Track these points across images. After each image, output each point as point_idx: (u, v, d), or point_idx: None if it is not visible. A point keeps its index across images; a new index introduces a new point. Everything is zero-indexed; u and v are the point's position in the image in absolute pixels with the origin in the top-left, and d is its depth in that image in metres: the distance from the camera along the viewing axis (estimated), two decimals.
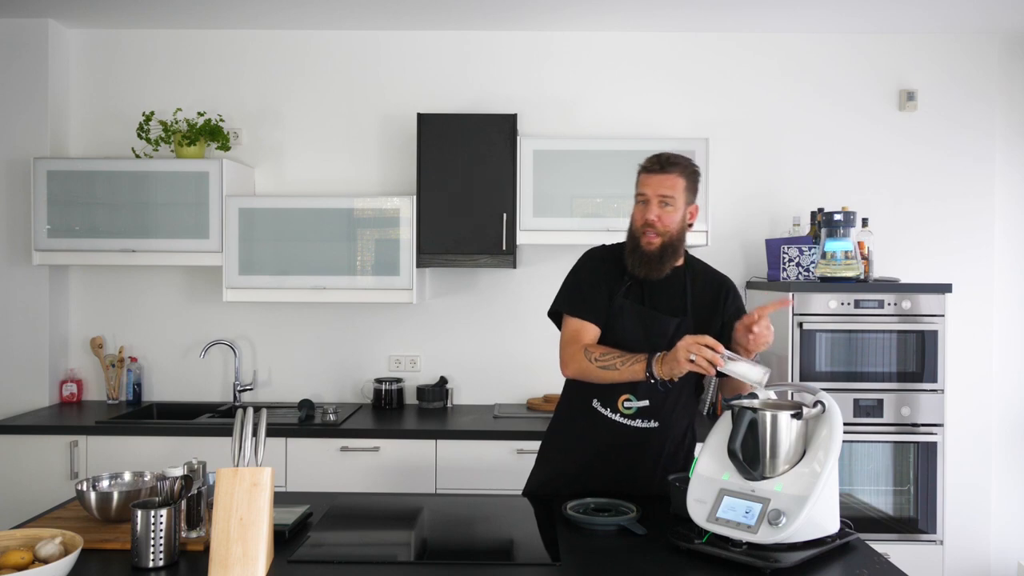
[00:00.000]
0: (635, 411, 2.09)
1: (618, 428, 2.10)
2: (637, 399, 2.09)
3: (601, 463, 2.12)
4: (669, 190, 2.05)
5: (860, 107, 3.73)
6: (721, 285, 2.17)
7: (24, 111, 3.57)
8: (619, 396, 2.09)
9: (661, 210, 2.06)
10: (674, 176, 2.06)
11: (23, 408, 3.53)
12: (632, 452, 2.11)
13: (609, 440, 2.11)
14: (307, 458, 3.13)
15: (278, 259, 3.40)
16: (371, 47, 3.76)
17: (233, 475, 1.55)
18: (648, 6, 3.40)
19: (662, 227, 2.06)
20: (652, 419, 2.10)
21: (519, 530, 1.89)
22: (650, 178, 2.08)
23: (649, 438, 2.11)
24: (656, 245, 2.06)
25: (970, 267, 3.70)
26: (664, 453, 2.14)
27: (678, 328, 2.07)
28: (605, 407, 2.12)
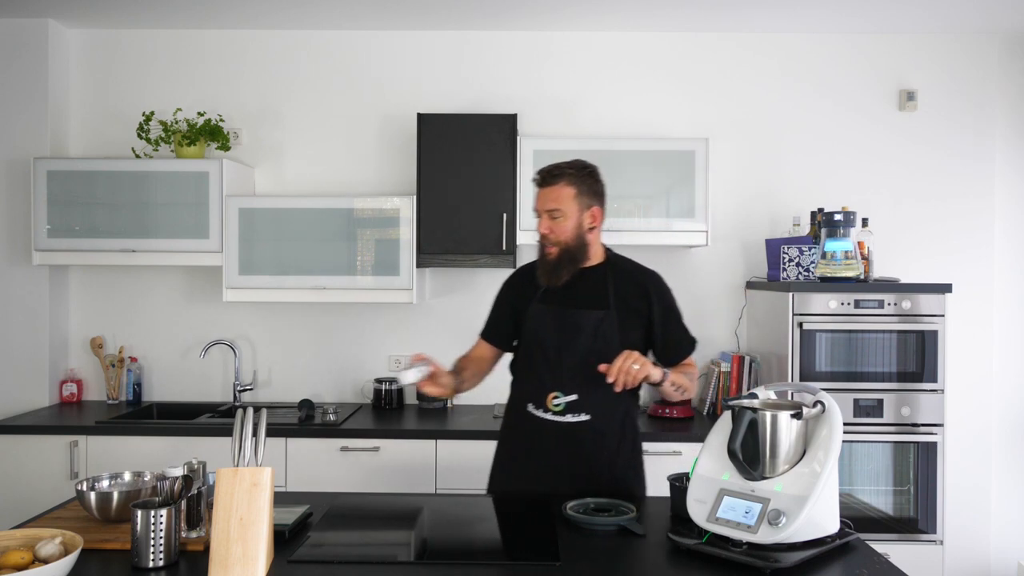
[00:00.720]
0: (564, 407, 2.13)
1: (551, 426, 2.15)
2: (565, 394, 2.13)
3: (544, 464, 2.16)
4: (554, 203, 2.15)
5: (860, 107, 3.73)
6: (646, 281, 2.23)
7: (24, 111, 3.57)
8: (547, 394, 2.15)
9: (552, 222, 2.16)
10: (560, 187, 2.15)
11: (23, 408, 3.53)
12: (569, 449, 2.14)
13: (547, 439, 2.16)
14: (307, 458, 3.13)
15: (278, 259, 3.40)
16: (371, 47, 3.76)
17: (233, 475, 1.55)
18: (648, 6, 3.40)
19: (555, 238, 2.16)
20: (582, 412, 2.13)
21: (519, 530, 1.89)
22: (539, 192, 2.20)
23: (582, 432, 2.14)
24: (554, 254, 2.17)
25: (970, 267, 3.70)
26: (605, 448, 2.16)
27: (601, 321, 2.14)
28: (537, 408, 2.17)
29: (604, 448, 2.16)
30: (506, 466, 2.27)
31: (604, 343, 2.11)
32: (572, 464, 2.14)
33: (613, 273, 2.22)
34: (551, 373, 2.15)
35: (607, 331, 2.12)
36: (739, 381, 3.44)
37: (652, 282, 2.24)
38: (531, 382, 2.20)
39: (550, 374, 2.15)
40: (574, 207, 2.15)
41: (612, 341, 2.12)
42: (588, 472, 2.14)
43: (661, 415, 3.40)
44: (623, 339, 2.13)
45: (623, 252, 3.67)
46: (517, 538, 1.84)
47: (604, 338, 2.12)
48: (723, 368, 3.48)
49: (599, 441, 2.15)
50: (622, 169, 3.38)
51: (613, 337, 2.12)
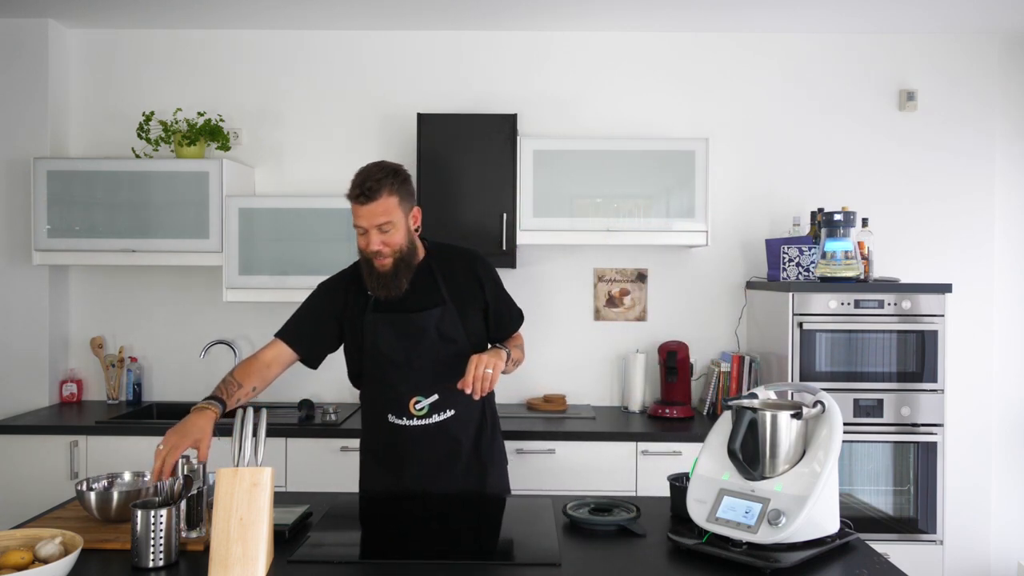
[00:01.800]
0: (427, 409, 2.12)
1: (418, 432, 2.13)
2: (426, 397, 2.12)
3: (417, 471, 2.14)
4: (383, 216, 2.03)
5: (860, 107, 3.73)
6: (472, 264, 2.21)
7: (24, 111, 3.57)
8: (408, 400, 2.12)
9: (384, 236, 2.05)
10: (383, 199, 2.02)
11: (23, 408, 3.53)
12: (440, 448, 2.14)
13: (415, 446, 2.14)
14: (307, 458, 3.13)
15: (278, 259, 3.40)
16: (371, 47, 3.76)
17: (233, 475, 1.55)
18: (648, 6, 3.40)
19: (390, 250, 2.07)
20: (446, 409, 2.13)
21: (519, 530, 1.89)
22: (360, 209, 2.04)
23: (449, 428, 2.14)
24: (389, 265, 2.08)
25: (970, 267, 3.70)
26: (470, 434, 2.18)
27: (441, 317, 2.11)
28: (400, 417, 2.14)
29: (471, 436, 2.19)
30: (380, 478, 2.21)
31: (450, 338, 2.12)
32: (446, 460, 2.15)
33: (439, 265, 2.18)
34: (405, 380, 2.12)
35: (450, 325, 2.12)
36: (739, 381, 3.44)
37: (478, 263, 2.23)
38: (385, 393, 2.15)
39: (405, 382, 2.12)
40: (400, 214, 2.06)
41: (458, 333, 2.13)
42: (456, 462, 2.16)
43: (661, 415, 3.40)
44: (467, 328, 2.15)
45: (623, 252, 3.73)
46: (517, 538, 1.84)
47: (449, 333, 2.12)
48: (723, 368, 3.48)
49: (466, 431, 2.17)
50: (622, 169, 3.38)
51: (457, 329, 2.13)
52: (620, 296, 3.74)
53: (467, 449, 2.18)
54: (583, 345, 3.74)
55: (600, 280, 3.75)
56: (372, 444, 2.25)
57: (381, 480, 2.21)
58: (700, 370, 3.73)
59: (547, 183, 3.38)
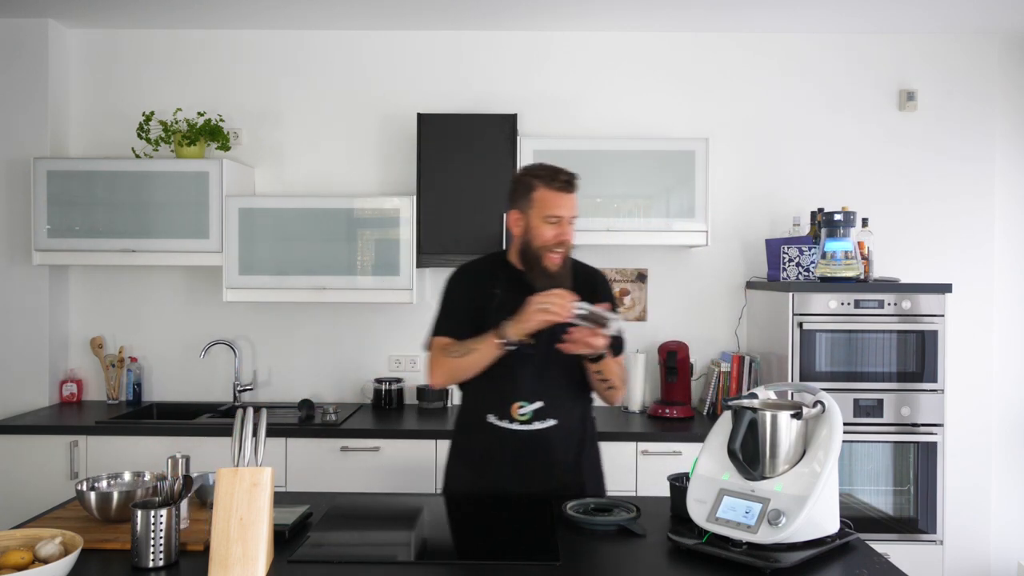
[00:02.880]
0: (531, 415, 2.10)
1: (519, 436, 2.11)
2: (530, 402, 2.10)
3: (511, 474, 2.12)
4: (575, 210, 2.09)
5: (860, 107, 3.73)
6: (593, 279, 2.22)
7: (24, 111, 3.58)
8: (511, 404, 2.11)
9: (568, 228, 2.08)
10: (575, 194, 2.09)
11: (23, 408, 3.53)
12: (539, 456, 2.11)
13: (514, 450, 2.12)
14: (307, 458, 3.13)
15: (278, 259, 3.40)
16: (371, 47, 3.76)
17: (233, 475, 1.55)
18: (648, 6, 3.40)
19: (570, 243, 2.10)
20: (548, 418, 2.11)
21: (519, 530, 1.89)
22: (562, 198, 2.06)
23: (550, 437, 2.12)
24: (559, 262, 2.08)
25: (970, 267, 3.70)
26: (571, 447, 2.16)
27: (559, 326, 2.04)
28: (501, 419, 2.12)
29: (571, 449, 2.16)
30: (465, 477, 2.20)
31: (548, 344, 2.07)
32: (539, 469, 2.12)
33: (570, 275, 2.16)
34: (511, 382, 2.10)
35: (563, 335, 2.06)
36: (739, 381, 3.44)
37: (600, 280, 2.24)
38: (490, 392, 2.14)
39: (510, 383, 2.10)
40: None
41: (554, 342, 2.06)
42: (554, 474, 2.13)
43: (661, 415, 3.40)
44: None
45: (623, 251, 3.72)
46: (517, 538, 1.84)
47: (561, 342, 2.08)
48: (723, 368, 3.48)
49: (566, 443, 2.15)
50: (622, 169, 3.38)
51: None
52: (620, 296, 3.74)
53: (565, 461, 2.14)
54: None
55: None
56: (465, 443, 2.22)
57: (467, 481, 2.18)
58: (700, 370, 3.73)
59: None
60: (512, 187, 2.16)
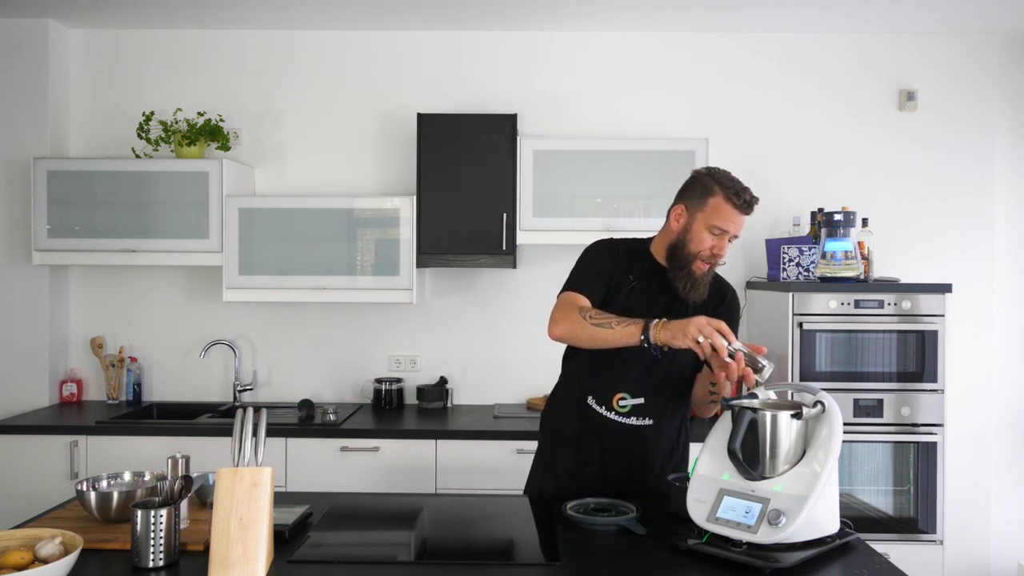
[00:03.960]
0: (630, 409, 2.09)
1: (613, 426, 2.10)
2: (632, 396, 2.09)
3: (598, 462, 2.12)
4: (741, 230, 2.07)
5: (860, 107, 3.73)
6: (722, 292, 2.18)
7: (24, 111, 3.58)
8: (614, 394, 2.10)
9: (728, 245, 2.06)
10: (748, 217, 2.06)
11: (23, 408, 3.53)
12: (628, 450, 2.11)
13: (605, 438, 2.11)
14: (307, 458, 3.13)
15: (278, 259, 3.40)
16: (371, 47, 3.76)
17: (233, 475, 1.55)
18: (648, 6, 3.40)
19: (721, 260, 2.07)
20: (647, 416, 2.10)
21: (519, 530, 1.89)
22: (736, 216, 2.03)
23: (644, 436, 2.11)
24: (705, 271, 2.06)
25: (970, 267, 3.70)
26: (660, 452, 2.14)
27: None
28: (600, 405, 2.11)
29: (660, 452, 2.14)
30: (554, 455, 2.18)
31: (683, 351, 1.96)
32: (627, 465, 2.11)
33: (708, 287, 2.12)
34: (620, 371, 2.08)
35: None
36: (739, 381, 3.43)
37: (729, 294, 2.17)
38: (596, 377, 2.12)
39: (620, 372, 2.08)
40: None
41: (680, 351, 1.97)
42: (641, 474, 2.12)
43: None
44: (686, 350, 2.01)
45: None
46: (517, 538, 1.84)
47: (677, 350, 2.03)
48: None
49: (658, 445, 2.13)
50: (622, 169, 3.38)
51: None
52: None
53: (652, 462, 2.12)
54: None
55: None
56: (559, 422, 2.19)
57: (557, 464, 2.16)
58: None
59: (547, 183, 3.38)
60: (691, 182, 2.12)
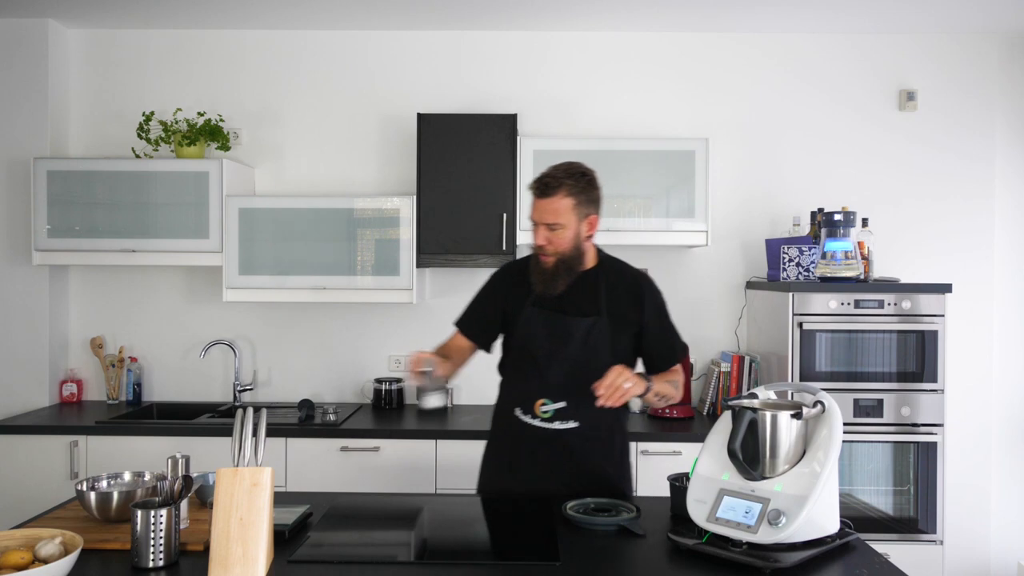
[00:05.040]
0: (552, 414, 2.13)
1: (540, 432, 2.14)
2: (553, 401, 2.12)
3: (530, 468, 2.16)
4: (553, 216, 2.06)
5: (860, 107, 3.73)
6: (638, 285, 2.19)
7: (24, 111, 3.57)
8: (535, 400, 2.14)
9: (551, 233, 2.08)
10: (558, 199, 2.05)
11: (23, 408, 3.53)
12: (558, 454, 2.13)
13: (533, 445, 2.15)
14: (307, 458, 3.13)
15: (278, 259, 3.40)
16: (371, 47, 3.76)
17: (233, 475, 1.55)
18: (647, 6, 3.40)
19: (553, 249, 2.09)
20: (571, 420, 2.12)
21: (519, 530, 1.89)
22: (536, 203, 2.09)
23: (571, 439, 2.13)
24: (551, 263, 2.10)
25: (970, 267, 3.70)
26: (591, 451, 2.15)
27: (592, 328, 2.10)
28: (525, 413, 2.16)
29: (592, 453, 2.16)
30: (495, 469, 2.26)
31: (594, 350, 2.10)
32: (561, 468, 2.14)
33: (605, 277, 2.17)
34: (539, 379, 2.13)
35: (597, 338, 2.10)
36: (739, 381, 3.44)
37: (645, 285, 2.20)
38: (519, 387, 2.19)
39: (538, 380, 2.13)
40: (573, 218, 2.07)
41: (602, 348, 2.10)
42: (577, 476, 2.14)
43: (661, 415, 3.40)
44: (614, 346, 2.11)
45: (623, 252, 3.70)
46: (517, 538, 1.84)
47: (594, 345, 2.10)
48: (723, 368, 3.48)
49: (587, 447, 2.15)
50: (622, 169, 3.38)
51: (604, 344, 2.11)
52: None
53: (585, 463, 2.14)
54: None
55: None
56: (496, 434, 2.29)
57: (495, 474, 2.24)
58: (700, 370, 3.73)
59: None
60: None
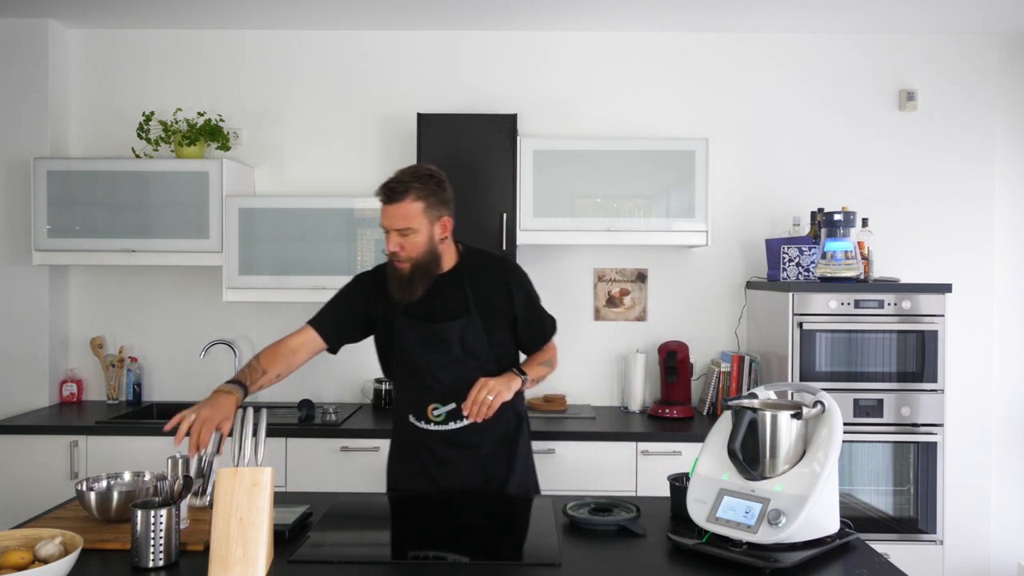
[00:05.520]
0: (444, 416, 2.14)
1: (438, 435, 2.16)
2: (443, 404, 2.14)
3: (434, 466, 2.18)
4: (402, 222, 2.04)
5: (860, 107, 3.73)
6: (503, 273, 2.19)
7: (24, 111, 3.57)
8: (427, 406, 2.15)
9: (403, 239, 2.05)
10: (407, 204, 2.03)
11: (23, 408, 3.53)
12: (459, 452, 2.16)
13: (435, 448, 2.17)
14: (307, 458, 3.13)
15: (278, 259, 3.40)
16: (371, 47, 3.76)
17: (233, 475, 1.55)
18: (648, 6, 3.40)
19: (406, 255, 2.06)
20: (464, 418, 2.11)
21: (519, 530, 1.89)
22: (384, 210, 2.06)
23: (466, 435, 2.15)
24: (406, 270, 2.08)
25: (970, 267, 3.70)
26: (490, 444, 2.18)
27: (464, 329, 2.11)
28: (419, 419, 2.18)
29: (490, 445, 2.18)
30: (399, 473, 2.28)
31: (472, 350, 2.12)
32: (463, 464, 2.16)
33: (469, 274, 2.16)
34: (425, 386, 2.14)
35: (473, 337, 2.11)
36: (739, 381, 3.44)
37: (510, 273, 2.20)
38: (409, 395, 2.20)
39: (425, 388, 2.14)
40: (424, 222, 2.05)
41: (479, 346, 2.12)
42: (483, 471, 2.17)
43: (661, 415, 3.40)
44: (490, 340, 2.13)
45: (623, 251, 3.72)
46: (517, 538, 1.84)
47: (471, 345, 2.12)
48: (723, 368, 3.48)
49: (486, 438, 2.17)
50: (622, 169, 3.38)
51: (480, 341, 2.12)
52: (620, 296, 3.74)
53: (487, 455, 2.17)
54: (583, 345, 3.74)
55: (600, 280, 3.75)
56: (397, 440, 2.30)
57: (404, 478, 2.26)
58: (700, 370, 3.73)
59: (547, 183, 3.38)
60: None
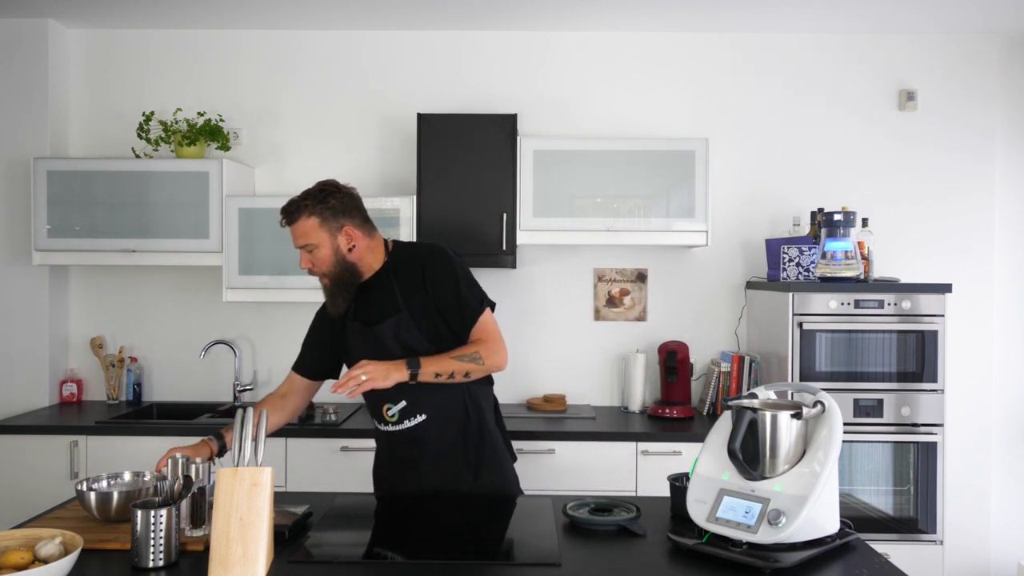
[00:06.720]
0: (398, 415, 2.15)
1: (395, 436, 2.19)
2: (394, 404, 2.14)
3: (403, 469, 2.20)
4: (303, 239, 2.11)
5: (860, 107, 3.73)
6: (421, 261, 2.17)
7: (24, 111, 3.57)
8: (381, 407, 2.17)
9: (310, 255, 2.13)
10: (302, 221, 2.10)
11: (23, 408, 3.53)
12: (423, 448, 2.16)
13: (399, 448, 2.20)
14: (307, 458, 3.13)
15: (278, 259, 3.40)
16: (371, 47, 3.76)
17: (233, 475, 1.55)
18: (648, 6, 3.40)
19: (319, 270, 2.14)
20: (417, 415, 2.13)
21: (519, 530, 1.89)
22: (289, 231, 2.15)
23: (427, 431, 2.15)
24: (328, 284, 2.16)
25: (970, 267, 3.70)
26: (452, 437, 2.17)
27: (397, 326, 2.11)
28: (380, 422, 2.21)
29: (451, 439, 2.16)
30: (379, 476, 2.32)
31: (410, 345, 2.11)
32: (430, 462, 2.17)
33: (395, 271, 2.18)
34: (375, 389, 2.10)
35: (406, 333, 2.11)
36: (739, 381, 3.44)
37: (426, 258, 2.17)
38: (368, 399, 2.21)
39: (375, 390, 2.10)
40: (324, 235, 2.10)
41: (415, 340, 2.11)
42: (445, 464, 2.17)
43: (661, 415, 3.40)
44: (424, 332, 2.11)
45: (623, 252, 3.73)
46: (517, 538, 1.84)
47: (407, 341, 2.11)
48: (723, 368, 3.48)
49: (446, 434, 2.16)
50: (622, 169, 3.38)
51: (414, 335, 2.11)
52: (620, 296, 3.74)
53: (451, 451, 2.17)
54: (583, 345, 3.74)
55: (600, 280, 3.75)
56: (377, 447, 2.34)
57: (385, 480, 2.28)
58: (700, 370, 3.73)
59: (547, 183, 3.38)
60: None
